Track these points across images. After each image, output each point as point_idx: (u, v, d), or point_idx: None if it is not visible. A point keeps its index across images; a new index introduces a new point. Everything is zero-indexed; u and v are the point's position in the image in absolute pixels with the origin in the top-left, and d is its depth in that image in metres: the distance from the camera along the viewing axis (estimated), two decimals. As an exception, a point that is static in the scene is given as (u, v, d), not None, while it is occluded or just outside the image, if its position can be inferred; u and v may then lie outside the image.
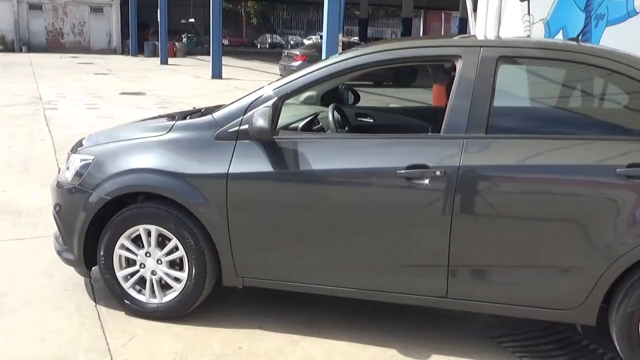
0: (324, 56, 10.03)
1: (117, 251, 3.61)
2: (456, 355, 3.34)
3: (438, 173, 3.10)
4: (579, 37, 3.54)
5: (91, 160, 3.63)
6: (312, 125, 4.04)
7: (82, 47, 37.23)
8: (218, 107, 3.74)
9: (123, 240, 3.58)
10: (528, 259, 3.13)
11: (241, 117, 3.42)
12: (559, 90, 4.01)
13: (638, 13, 6.05)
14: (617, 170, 2.98)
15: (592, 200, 3.03)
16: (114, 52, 37.45)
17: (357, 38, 36.42)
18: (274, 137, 3.33)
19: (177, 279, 3.57)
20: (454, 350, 3.39)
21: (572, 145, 3.14)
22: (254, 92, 3.56)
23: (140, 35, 35.64)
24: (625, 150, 3.03)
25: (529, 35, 7.50)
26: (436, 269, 3.20)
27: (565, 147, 3.14)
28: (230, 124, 3.43)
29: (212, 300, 3.73)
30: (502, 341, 3.52)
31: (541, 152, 3.12)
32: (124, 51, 36.86)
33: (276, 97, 3.36)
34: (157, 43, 30.69)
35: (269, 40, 56.41)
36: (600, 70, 3.28)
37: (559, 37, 7.15)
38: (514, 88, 4.27)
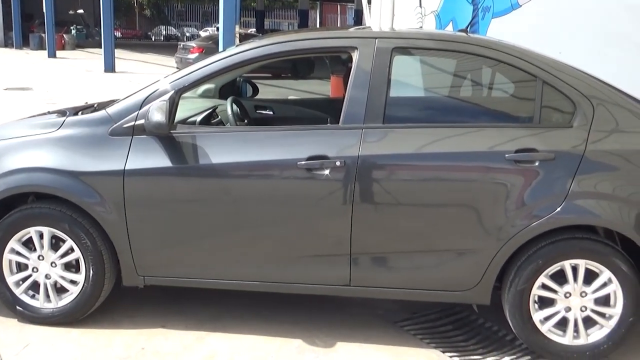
0: (221, 48, 9.90)
1: (7, 256, 3.42)
2: (360, 342, 3.42)
3: (338, 163, 3.15)
4: (468, 29, 3.68)
5: (-26, 161, 3.41)
6: (211, 119, 3.99)
7: (-41, 40, 34.87)
8: (112, 102, 3.62)
9: (13, 243, 3.40)
10: (426, 244, 3.24)
11: (137, 112, 3.32)
12: (450, 80, 4.16)
13: (521, 6, 6.37)
14: (506, 155, 3.13)
15: (484, 185, 3.17)
16: (-5, 44, 35.29)
17: (254, 30, 36.19)
18: (171, 131, 3.26)
19: (73, 282, 3.43)
20: (358, 337, 3.46)
21: (465, 133, 3.26)
22: (149, 85, 3.46)
23: (25, 26, 33.76)
24: (513, 137, 3.19)
25: (421, 27, 7.72)
26: (339, 258, 3.25)
27: (458, 134, 3.26)
28: (126, 119, 3.33)
29: (112, 301, 3.61)
30: (403, 325, 3.63)
31: (436, 140, 3.23)
32: (7, 44, 34.76)
33: (173, 91, 3.29)
34: (43, 35, 29.19)
35: (164, 33, 54.99)
36: (488, 60, 3.42)
37: (449, 28, 7.41)
38: (409, 78, 4.40)
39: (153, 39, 52.99)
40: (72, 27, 37.01)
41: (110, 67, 20.86)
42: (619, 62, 5.62)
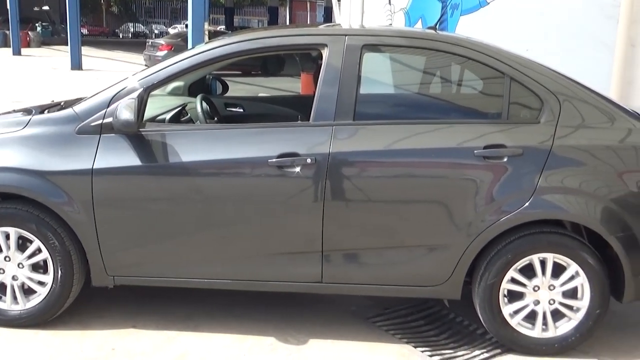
0: (190, 45, 9.83)
1: (-28, 257, 3.35)
2: (333, 338, 3.42)
3: (309, 161, 3.15)
4: (437, 26, 3.70)
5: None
6: (181, 117, 3.96)
7: None
8: (79, 100, 3.56)
9: (-23, 245, 3.34)
10: (398, 240, 3.26)
11: (104, 110, 3.28)
12: (420, 77, 4.19)
13: (489, 3, 6.44)
14: (475, 151, 3.16)
15: (453, 181, 3.20)
16: (-44, 42, 34.43)
17: (223, 27, 35.95)
18: (140, 129, 3.23)
19: (41, 283, 3.38)
20: (331, 334, 3.47)
21: (434, 129, 3.29)
22: (117, 83, 3.42)
23: (-13, 24, 33.09)
24: (482, 133, 3.22)
25: (391, 24, 7.76)
26: (311, 255, 3.25)
27: (427, 131, 3.28)
28: (93, 117, 3.28)
29: (81, 302, 3.56)
30: (376, 321, 3.64)
31: (406, 136, 3.24)
32: (-30, 41, 34.07)
33: (141, 88, 3.26)
34: (7, 32, 28.64)
35: (132, 30, 54.32)
36: (457, 57, 3.45)
37: (419, 26, 7.46)
38: (379, 75, 4.42)
39: (121, 36, 52.36)
40: (37, 24, 36.38)
41: (77, 64, 20.57)
42: (585, 59, 5.71)
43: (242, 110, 4.64)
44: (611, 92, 5.25)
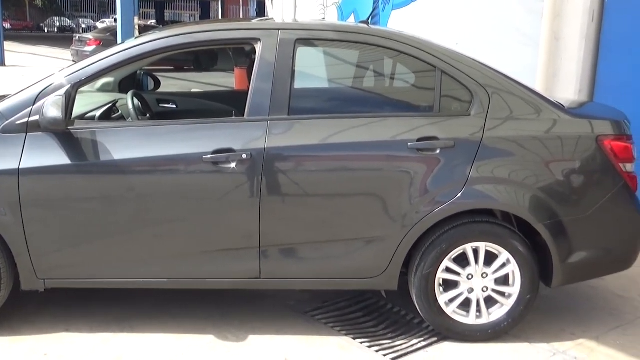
0: (119, 40, 9.60)
1: None
2: (272, 333, 3.42)
3: (244, 156, 3.13)
4: (369, 20, 3.75)
5: None
6: (111, 114, 3.86)
7: None
8: (2, 98, 3.43)
9: None
10: (334, 233, 3.28)
11: (30, 108, 3.16)
12: (354, 71, 4.22)
13: (419, -2, 6.55)
14: (409, 144, 3.21)
15: (388, 174, 3.24)
16: None
17: (154, 22, 35.32)
18: (68, 127, 3.13)
19: (-34, 289, 3.24)
20: (270, 329, 3.46)
21: (369, 123, 3.32)
22: (43, 79, 3.31)
23: None
24: (415, 126, 3.28)
25: (324, 18, 7.79)
26: (248, 252, 3.23)
27: (362, 125, 3.31)
28: (18, 115, 3.16)
29: (10, 307, 3.43)
30: (314, 314, 3.66)
31: (341, 130, 3.27)
32: None
33: (69, 85, 3.16)
34: None
35: (58, 24, 52.57)
36: (389, 51, 3.50)
37: (351, 20, 7.52)
38: (313, 70, 4.43)
39: (46, 31, 50.59)
40: (-45, 19, 34.69)
41: (-1, 60, 19.77)
42: (512, 52, 5.89)
43: (175, 106, 4.57)
44: (537, 85, 5.44)
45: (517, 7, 5.96)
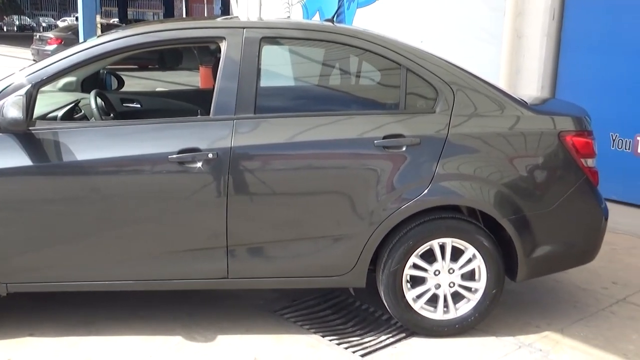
0: (81, 39, 9.44)
1: None
2: (241, 333, 3.41)
3: (210, 155, 3.11)
4: (334, 18, 3.75)
5: None
6: (74, 114, 3.80)
7: None
8: (-40, 98, 3.34)
9: None
10: (302, 231, 3.28)
11: (-11, 108, 3.09)
12: (320, 69, 4.22)
13: (384, -4, 6.59)
14: (375, 142, 3.23)
15: (355, 172, 3.25)
16: None
17: (117, 20, 34.78)
18: (30, 128, 3.07)
19: None
20: (239, 328, 3.45)
21: (335, 121, 3.33)
22: (3, 79, 3.24)
23: None
24: (381, 123, 3.29)
25: (289, 17, 7.78)
26: (215, 251, 3.22)
27: (328, 123, 3.31)
28: (-23, 116, 3.09)
29: (-29, 312, 3.36)
30: (283, 313, 3.66)
31: (307, 129, 3.26)
32: None
33: (30, 85, 3.09)
34: None
35: (17, 23, 51.53)
36: (355, 49, 3.51)
37: (316, 18, 7.52)
38: (279, 68, 4.42)
39: (5, 30, 49.51)
40: None
41: (-44, 60, 19.30)
42: (475, 50, 5.96)
43: (139, 105, 4.51)
44: (500, 81, 5.53)
45: (481, 5, 6.04)
